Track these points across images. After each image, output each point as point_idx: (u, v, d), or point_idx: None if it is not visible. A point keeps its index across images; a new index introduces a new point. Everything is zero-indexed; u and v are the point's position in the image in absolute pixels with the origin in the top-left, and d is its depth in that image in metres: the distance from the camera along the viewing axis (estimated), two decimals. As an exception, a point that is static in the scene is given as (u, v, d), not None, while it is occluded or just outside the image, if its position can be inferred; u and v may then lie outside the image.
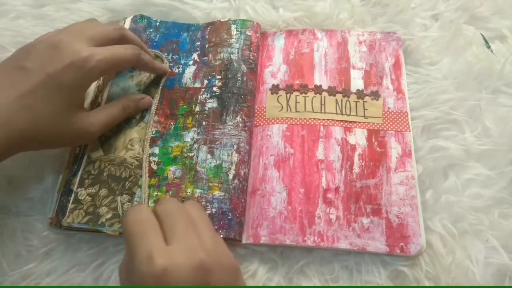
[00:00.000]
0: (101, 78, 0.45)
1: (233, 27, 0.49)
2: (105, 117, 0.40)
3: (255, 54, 0.48)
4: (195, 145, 0.42)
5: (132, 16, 0.50)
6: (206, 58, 0.47)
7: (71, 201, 0.39)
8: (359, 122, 0.44)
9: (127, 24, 0.49)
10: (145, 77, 0.46)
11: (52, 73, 0.35)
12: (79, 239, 0.40)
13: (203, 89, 0.45)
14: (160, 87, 0.45)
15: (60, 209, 0.39)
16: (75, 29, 0.38)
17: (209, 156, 0.41)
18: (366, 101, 0.45)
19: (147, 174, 0.40)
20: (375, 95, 0.46)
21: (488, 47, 0.49)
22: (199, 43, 0.48)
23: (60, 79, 0.35)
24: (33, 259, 0.39)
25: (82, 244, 0.39)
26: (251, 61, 0.47)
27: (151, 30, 0.50)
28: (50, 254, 0.39)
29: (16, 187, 0.42)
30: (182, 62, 0.47)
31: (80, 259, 0.39)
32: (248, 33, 0.48)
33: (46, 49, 0.36)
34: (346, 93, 0.46)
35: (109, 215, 0.39)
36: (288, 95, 0.46)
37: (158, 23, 0.50)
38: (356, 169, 0.42)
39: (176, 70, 0.47)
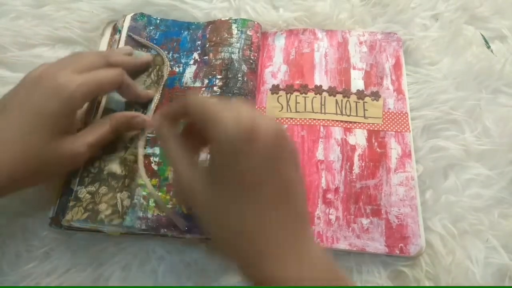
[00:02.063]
0: None
1: (234, 26, 0.49)
2: (93, 137, 0.38)
3: (256, 54, 0.48)
4: (195, 145, 0.42)
5: (132, 14, 0.50)
6: (206, 57, 0.47)
7: (71, 199, 0.39)
8: (359, 123, 0.44)
9: (127, 22, 0.49)
10: (145, 75, 0.46)
11: (33, 109, 0.34)
12: (79, 239, 0.40)
13: (203, 89, 0.45)
14: (161, 87, 0.45)
15: (61, 209, 0.39)
16: (61, 62, 0.38)
17: (208, 156, 0.41)
18: (366, 102, 0.45)
19: (144, 172, 0.40)
20: (375, 95, 0.46)
21: (488, 47, 0.49)
22: (199, 42, 0.48)
23: (42, 111, 0.34)
24: (33, 259, 0.39)
25: (82, 244, 0.39)
26: (251, 61, 0.47)
27: (151, 28, 0.49)
28: (50, 254, 0.39)
29: (16, 187, 0.42)
30: (183, 61, 0.47)
31: (80, 259, 0.39)
32: (249, 32, 0.48)
33: (28, 85, 0.36)
34: (346, 93, 0.46)
35: (109, 211, 0.38)
36: (288, 95, 0.46)
37: (158, 21, 0.50)
38: (356, 169, 0.42)
39: (177, 69, 0.47)
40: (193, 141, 0.33)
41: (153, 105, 0.44)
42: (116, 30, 0.49)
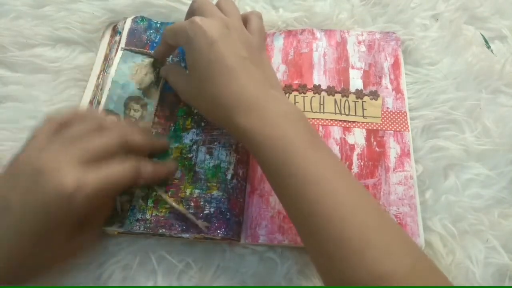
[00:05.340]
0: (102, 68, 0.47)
1: (233, 27, 0.49)
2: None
3: (255, 54, 0.48)
4: (194, 146, 0.42)
5: (133, 17, 0.50)
6: None
7: None
8: (358, 122, 0.44)
9: (127, 25, 0.49)
10: (146, 77, 0.46)
11: (34, 212, 0.31)
12: (79, 239, 0.40)
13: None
14: (159, 91, 0.45)
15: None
16: (65, 143, 0.33)
17: (207, 156, 0.41)
18: (365, 101, 0.45)
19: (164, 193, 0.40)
20: (374, 95, 0.46)
21: (488, 47, 0.49)
22: None
23: (43, 219, 0.31)
24: (33, 259, 0.39)
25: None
26: (250, 61, 0.47)
27: (151, 31, 0.50)
28: (50, 254, 0.39)
29: (16, 187, 0.42)
30: (183, 65, 0.47)
31: (80, 259, 0.39)
32: (248, 33, 0.48)
33: (29, 178, 0.31)
34: (345, 93, 0.46)
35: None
36: (287, 95, 0.46)
37: (158, 24, 0.50)
38: (355, 169, 0.42)
39: None
40: None
41: (153, 109, 0.44)
42: (116, 31, 0.49)
